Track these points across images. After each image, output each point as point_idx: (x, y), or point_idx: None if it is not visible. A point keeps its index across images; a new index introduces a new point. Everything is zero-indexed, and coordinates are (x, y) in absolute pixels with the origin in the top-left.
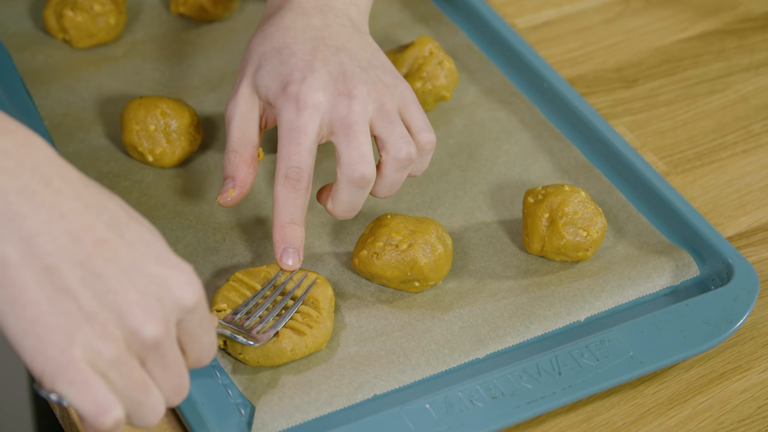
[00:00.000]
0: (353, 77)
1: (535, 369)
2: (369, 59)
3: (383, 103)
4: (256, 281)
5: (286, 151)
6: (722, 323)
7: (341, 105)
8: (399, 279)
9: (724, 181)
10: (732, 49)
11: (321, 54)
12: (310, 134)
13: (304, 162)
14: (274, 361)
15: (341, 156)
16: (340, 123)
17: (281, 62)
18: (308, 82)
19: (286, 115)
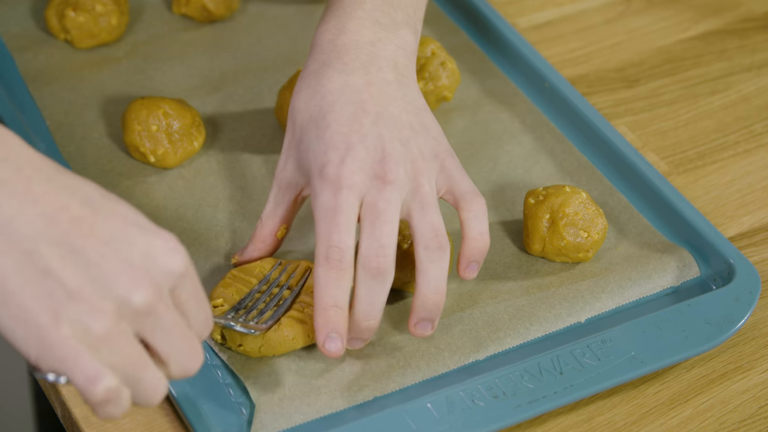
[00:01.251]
0: (391, 158)
1: (537, 368)
2: (411, 125)
3: (420, 185)
4: (252, 277)
5: (324, 231)
6: (724, 323)
7: (375, 189)
8: (399, 279)
9: (725, 181)
10: (734, 49)
11: (358, 125)
12: (347, 213)
13: (344, 241)
14: (276, 350)
15: (362, 244)
16: (369, 209)
17: (318, 137)
18: (345, 164)
19: (322, 197)
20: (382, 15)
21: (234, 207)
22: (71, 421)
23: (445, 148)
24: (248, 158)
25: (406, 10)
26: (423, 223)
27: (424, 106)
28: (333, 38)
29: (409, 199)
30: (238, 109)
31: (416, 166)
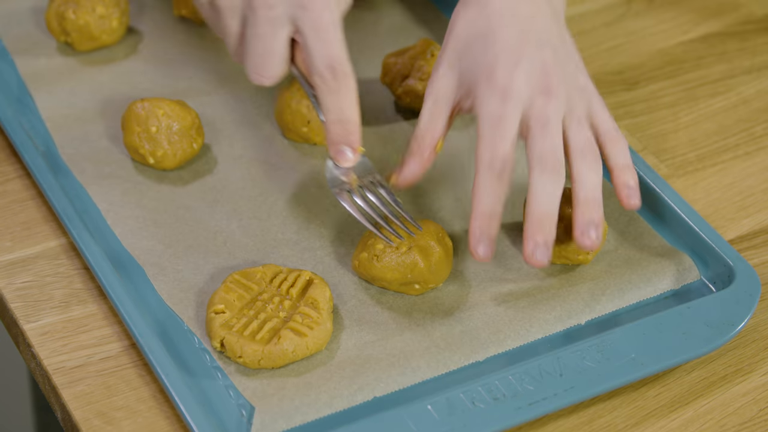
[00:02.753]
0: (554, 76)
1: (537, 370)
2: (567, 58)
3: (575, 106)
4: (253, 283)
5: (489, 140)
6: (724, 326)
7: (540, 101)
8: (399, 281)
9: (725, 183)
10: (734, 52)
11: (526, 44)
12: (513, 123)
13: (507, 152)
14: (275, 362)
15: (533, 147)
16: (537, 119)
17: (485, 50)
18: (514, 74)
19: (489, 105)
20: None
21: (233, 209)
22: (71, 424)
23: (593, 87)
24: (248, 160)
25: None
26: (579, 135)
27: (575, 48)
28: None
29: (567, 116)
30: (238, 111)
31: (572, 93)
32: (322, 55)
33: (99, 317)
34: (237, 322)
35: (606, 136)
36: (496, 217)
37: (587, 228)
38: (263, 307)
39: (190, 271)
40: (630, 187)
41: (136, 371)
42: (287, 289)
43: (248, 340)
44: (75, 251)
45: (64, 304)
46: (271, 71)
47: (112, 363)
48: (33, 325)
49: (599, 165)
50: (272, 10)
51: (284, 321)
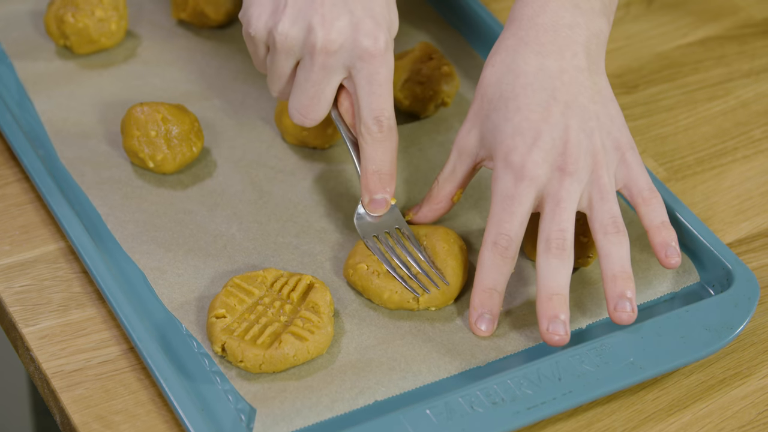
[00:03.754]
0: (574, 149)
1: (536, 374)
2: (597, 115)
3: (599, 176)
4: (254, 287)
5: (498, 217)
6: (722, 329)
7: (555, 180)
8: (397, 304)
9: (724, 186)
10: (733, 55)
11: (548, 113)
12: (524, 204)
13: (515, 230)
14: (277, 366)
15: (543, 228)
16: (550, 197)
17: (507, 118)
18: (531, 154)
19: (503, 182)
20: (584, 0)
21: (233, 213)
22: (70, 427)
23: (627, 140)
24: (247, 164)
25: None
26: (602, 211)
27: (611, 96)
28: (533, 15)
29: (588, 189)
30: (237, 115)
31: (597, 159)
32: (372, 108)
33: (98, 321)
34: (238, 326)
35: (639, 196)
36: (498, 293)
37: (620, 302)
38: (264, 311)
39: (191, 275)
40: (669, 246)
41: (134, 375)
42: (288, 293)
43: (249, 345)
44: (74, 255)
45: (62, 307)
46: (316, 114)
47: (110, 367)
48: (32, 329)
49: (625, 238)
50: (331, 57)
51: (285, 325)
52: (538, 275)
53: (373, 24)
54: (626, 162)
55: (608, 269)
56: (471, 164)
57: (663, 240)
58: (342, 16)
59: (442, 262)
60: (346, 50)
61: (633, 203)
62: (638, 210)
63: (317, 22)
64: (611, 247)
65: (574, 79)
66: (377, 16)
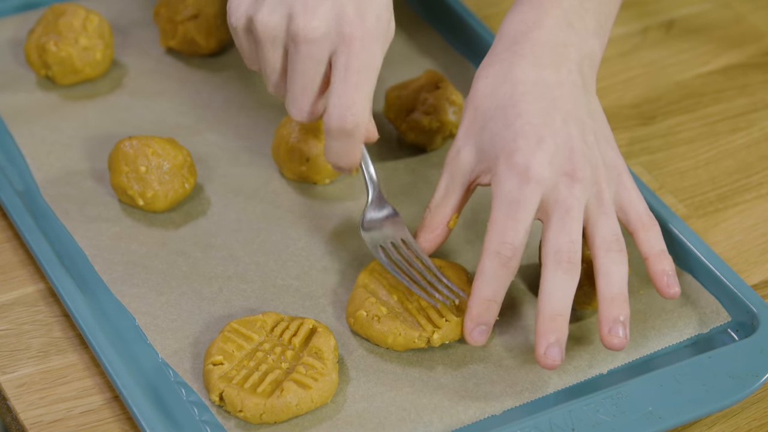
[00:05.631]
0: (579, 156)
1: (548, 425)
2: (595, 132)
3: (601, 189)
4: (252, 331)
5: (501, 224)
6: (747, 377)
7: (563, 186)
8: (403, 345)
9: (748, 224)
10: (756, 84)
11: (550, 120)
12: (529, 209)
13: (519, 240)
14: (278, 416)
15: (550, 239)
16: (558, 205)
17: (506, 124)
18: (536, 156)
19: (506, 186)
20: (578, 19)
21: (228, 253)
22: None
23: (623, 163)
24: (243, 201)
25: (598, 18)
26: (605, 227)
27: (605, 118)
28: (527, 30)
29: (592, 202)
30: (231, 149)
31: (599, 172)
32: (341, 100)
33: (79, 368)
34: (237, 373)
35: (638, 222)
36: (496, 304)
37: (614, 326)
38: (264, 357)
39: (185, 321)
40: (669, 275)
41: (119, 426)
42: (289, 339)
43: (249, 393)
44: (54, 297)
45: (42, 353)
46: (311, 108)
47: (93, 417)
48: (9, 377)
49: (625, 258)
50: (314, 46)
51: (287, 372)
52: (543, 290)
53: (356, 9)
54: (624, 185)
55: (606, 290)
56: (465, 184)
57: (662, 269)
58: (325, 2)
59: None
60: (330, 37)
61: (631, 228)
62: (636, 236)
63: (298, 9)
64: (612, 266)
65: (572, 93)
66: (364, 2)
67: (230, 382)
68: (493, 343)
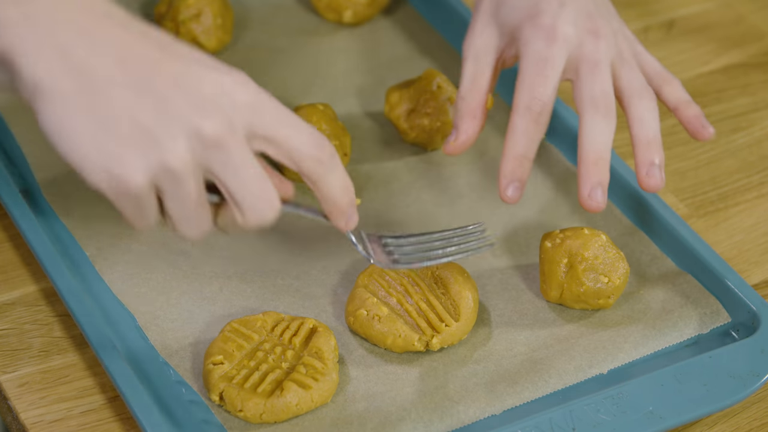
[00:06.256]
0: (600, 18)
1: (548, 424)
2: (605, 4)
3: (622, 49)
4: (252, 331)
5: (530, 81)
6: (748, 377)
7: (589, 42)
8: (402, 347)
9: (749, 224)
10: (757, 84)
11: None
12: (557, 67)
13: (548, 95)
14: (278, 416)
15: (583, 91)
16: (586, 60)
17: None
18: (561, 15)
19: (534, 46)
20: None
21: (229, 253)
22: None
23: (631, 34)
24: None
25: None
26: (633, 77)
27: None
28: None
29: (615, 59)
30: None
31: (617, 35)
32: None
33: (80, 367)
34: (237, 373)
35: (659, 77)
36: (529, 161)
37: (651, 169)
38: (264, 357)
39: (185, 320)
40: (703, 117)
41: (119, 426)
42: (290, 338)
43: (249, 393)
44: (55, 297)
45: (43, 353)
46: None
47: (94, 417)
48: (10, 376)
49: (656, 106)
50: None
51: (287, 372)
52: (584, 136)
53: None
54: (636, 48)
55: (642, 134)
56: (492, 63)
57: (695, 112)
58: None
59: (457, 293)
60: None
61: (654, 84)
62: (661, 90)
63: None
64: (645, 112)
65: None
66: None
67: (230, 382)
68: (491, 343)
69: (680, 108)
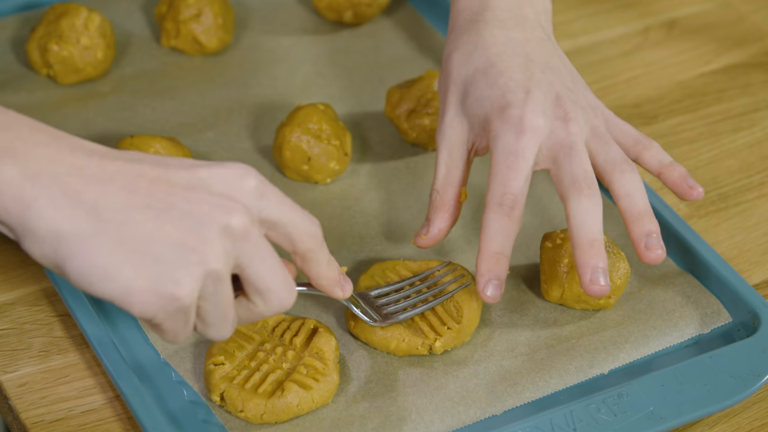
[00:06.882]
0: (566, 100)
1: (548, 425)
2: (571, 77)
3: (595, 125)
4: (254, 331)
5: (502, 176)
6: (749, 377)
7: (559, 129)
8: (406, 351)
9: (750, 224)
10: (758, 84)
11: (530, 73)
12: (528, 159)
13: (520, 189)
14: (279, 417)
15: (564, 177)
16: (560, 146)
17: (490, 84)
18: (528, 106)
19: (504, 139)
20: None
21: None
22: None
23: (601, 102)
24: None
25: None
26: (611, 152)
27: (573, 66)
28: (481, 2)
29: (589, 137)
30: (233, 149)
31: (587, 111)
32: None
33: (81, 367)
34: (238, 374)
35: (637, 145)
36: (506, 257)
37: (649, 240)
38: (265, 358)
39: None
40: (689, 178)
41: (120, 425)
42: (290, 339)
43: (250, 394)
44: (56, 296)
45: (43, 353)
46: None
47: (94, 416)
48: (10, 376)
49: (639, 176)
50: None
51: (288, 373)
52: (573, 221)
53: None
54: (610, 120)
55: (633, 208)
56: (464, 155)
57: (680, 174)
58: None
59: (459, 296)
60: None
61: (634, 153)
62: (641, 157)
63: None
64: (630, 185)
65: (541, 46)
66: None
67: (231, 383)
68: (492, 343)
69: (664, 172)
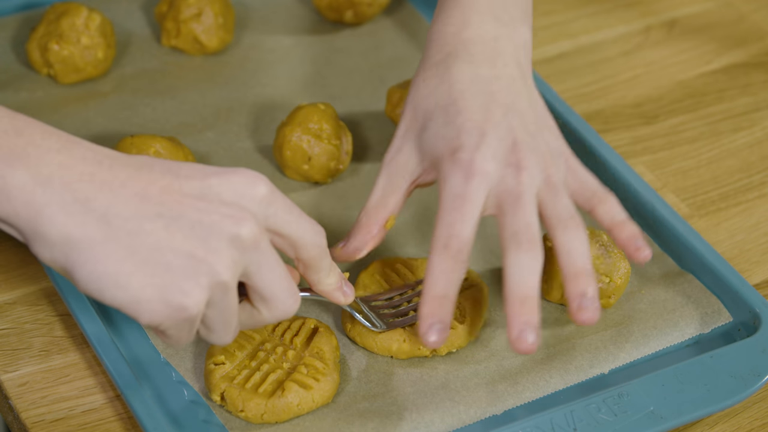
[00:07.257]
0: (523, 146)
1: (549, 425)
2: (536, 120)
3: (550, 174)
4: (254, 331)
5: (449, 218)
6: (749, 377)
7: (509, 177)
8: (407, 353)
9: (750, 224)
10: (759, 84)
11: (490, 114)
12: (476, 203)
13: (466, 232)
14: (280, 416)
15: (506, 227)
16: (507, 194)
17: (447, 122)
18: (480, 150)
19: (452, 182)
20: (502, 11)
21: None
22: None
23: (568, 149)
24: None
25: (521, 5)
26: (558, 205)
27: (544, 106)
28: (457, 31)
29: (542, 188)
30: (233, 148)
31: (545, 159)
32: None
33: (81, 367)
34: (238, 373)
35: (593, 199)
36: (450, 301)
37: (583, 301)
38: (266, 357)
39: None
40: (638, 238)
41: (121, 425)
42: (291, 339)
43: (250, 393)
44: (56, 296)
45: (44, 352)
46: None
47: (95, 416)
48: (10, 376)
49: (584, 233)
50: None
51: (288, 372)
52: (508, 274)
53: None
54: (572, 168)
55: (570, 266)
56: (405, 185)
57: (629, 234)
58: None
59: (462, 296)
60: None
61: (588, 207)
62: (595, 211)
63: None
64: (571, 242)
65: (510, 86)
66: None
67: (232, 382)
68: (495, 343)
69: (614, 230)
